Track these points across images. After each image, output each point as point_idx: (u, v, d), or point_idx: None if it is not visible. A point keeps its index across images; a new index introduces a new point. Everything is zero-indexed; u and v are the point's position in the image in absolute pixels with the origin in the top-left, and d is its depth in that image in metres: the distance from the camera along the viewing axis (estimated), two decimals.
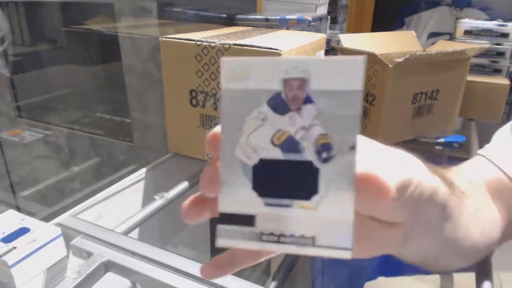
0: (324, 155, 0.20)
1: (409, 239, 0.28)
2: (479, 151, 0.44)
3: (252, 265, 0.25)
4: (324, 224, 0.20)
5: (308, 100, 0.20)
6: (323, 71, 0.19)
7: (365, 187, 0.20)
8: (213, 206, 0.21)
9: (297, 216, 0.20)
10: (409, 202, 0.24)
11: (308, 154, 0.20)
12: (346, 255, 0.19)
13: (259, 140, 0.20)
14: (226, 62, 0.20)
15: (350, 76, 0.19)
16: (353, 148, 0.19)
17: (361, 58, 0.19)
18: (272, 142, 0.20)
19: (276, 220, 0.20)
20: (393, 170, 0.22)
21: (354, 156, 0.19)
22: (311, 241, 0.20)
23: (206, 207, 0.22)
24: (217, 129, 0.21)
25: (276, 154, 0.20)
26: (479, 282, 0.43)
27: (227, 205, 0.20)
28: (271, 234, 0.20)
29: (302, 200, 0.20)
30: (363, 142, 0.24)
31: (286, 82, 0.20)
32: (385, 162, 0.23)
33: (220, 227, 0.20)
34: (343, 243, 0.19)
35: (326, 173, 0.20)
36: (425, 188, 0.25)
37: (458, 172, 0.40)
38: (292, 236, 0.20)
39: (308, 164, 0.20)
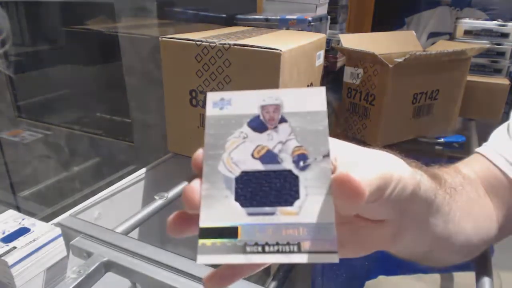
0: (301, 163, 0.21)
1: (399, 235, 0.28)
2: (477, 149, 0.45)
3: (254, 273, 0.25)
4: (307, 229, 0.20)
5: (283, 120, 0.23)
6: (293, 98, 0.23)
7: (339, 188, 0.20)
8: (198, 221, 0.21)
9: (281, 223, 0.20)
10: (392, 199, 0.24)
11: (287, 164, 0.22)
12: (333, 259, 0.19)
13: (241, 155, 0.22)
14: (210, 95, 0.24)
15: (315, 101, 0.23)
16: (326, 156, 0.21)
17: (323, 88, 0.23)
18: (253, 156, 0.22)
19: (260, 229, 0.20)
20: (371, 170, 0.22)
21: (329, 163, 0.21)
22: (297, 248, 0.20)
23: (192, 222, 0.22)
24: (201, 150, 0.22)
25: (257, 166, 0.22)
26: (479, 281, 0.43)
27: (208, 219, 0.21)
28: (256, 244, 0.20)
29: (285, 207, 0.21)
30: (343, 146, 0.25)
31: (263, 107, 0.23)
32: (363, 163, 0.23)
33: (201, 243, 0.20)
34: (328, 247, 0.20)
35: (304, 180, 0.21)
36: (406, 184, 0.25)
37: (453, 169, 0.40)
38: (277, 244, 0.20)
39: (288, 172, 0.21)
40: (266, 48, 0.60)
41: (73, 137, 1.26)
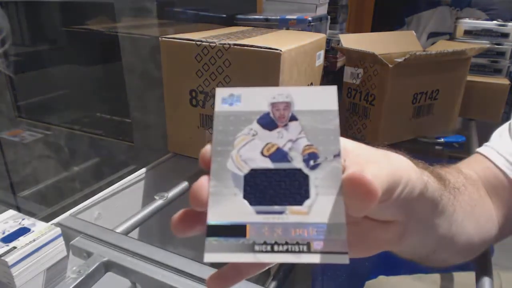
0: (311, 162, 0.21)
1: (405, 236, 0.28)
2: (477, 149, 0.45)
3: (258, 273, 0.25)
4: (317, 229, 0.20)
5: (293, 118, 0.22)
6: (304, 96, 0.23)
7: (352, 188, 0.20)
8: (204, 219, 0.20)
9: (290, 222, 0.20)
10: (401, 200, 0.24)
11: (297, 162, 0.21)
12: (343, 259, 0.19)
13: (250, 153, 0.22)
14: (219, 91, 0.23)
15: (327, 99, 0.23)
16: (337, 155, 0.21)
17: (334, 86, 0.23)
18: (262, 154, 0.22)
19: (269, 228, 0.20)
20: (381, 171, 0.22)
21: (339, 162, 0.21)
22: (307, 248, 0.19)
23: (197, 221, 0.22)
24: (208, 146, 0.22)
25: (267, 164, 0.21)
26: (479, 281, 0.43)
27: (216, 216, 0.20)
28: (264, 243, 0.20)
29: (294, 206, 0.20)
30: (352, 146, 0.24)
31: (273, 105, 0.23)
32: (373, 163, 0.23)
33: (208, 241, 0.20)
34: (339, 247, 0.19)
35: (315, 179, 0.21)
36: (414, 185, 0.25)
37: (455, 169, 0.40)
38: (286, 243, 0.20)
39: (298, 171, 0.21)
40: (266, 48, 0.60)
41: (73, 137, 1.26)
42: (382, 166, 0.23)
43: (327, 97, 0.23)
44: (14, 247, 0.43)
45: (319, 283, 0.93)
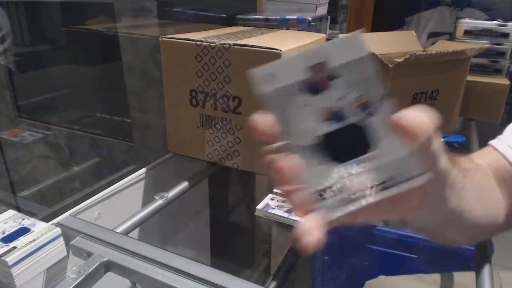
0: (366, 111, 0.23)
1: (420, 205, 0.30)
2: (490, 142, 0.46)
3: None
4: (392, 165, 0.23)
5: (333, 76, 0.23)
6: (335, 50, 0.23)
7: (397, 128, 0.22)
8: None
9: (369, 168, 0.23)
10: (430, 156, 0.26)
11: (352, 117, 0.23)
12: (424, 179, 0.23)
13: (308, 123, 0.23)
14: (255, 72, 0.24)
15: (355, 47, 0.23)
16: (384, 97, 0.23)
17: (358, 31, 0.23)
18: (320, 120, 0.23)
19: (353, 181, 0.23)
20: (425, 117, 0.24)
21: (388, 103, 0.23)
22: (391, 183, 0.23)
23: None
24: (261, 115, 0.24)
25: (327, 128, 0.23)
26: (479, 281, 0.43)
27: (311, 184, 0.23)
28: (358, 191, 0.23)
29: (367, 154, 0.23)
30: None
31: (310, 69, 0.23)
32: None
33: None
34: (414, 171, 0.22)
35: (374, 125, 0.23)
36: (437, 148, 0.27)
37: (467, 158, 0.42)
38: (372, 187, 0.23)
39: (358, 124, 0.23)
40: (266, 48, 0.60)
41: (73, 137, 1.26)
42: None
43: (354, 45, 0.23)
44: (14, 247, 0.43)
45: (319, 283, 0.93)
